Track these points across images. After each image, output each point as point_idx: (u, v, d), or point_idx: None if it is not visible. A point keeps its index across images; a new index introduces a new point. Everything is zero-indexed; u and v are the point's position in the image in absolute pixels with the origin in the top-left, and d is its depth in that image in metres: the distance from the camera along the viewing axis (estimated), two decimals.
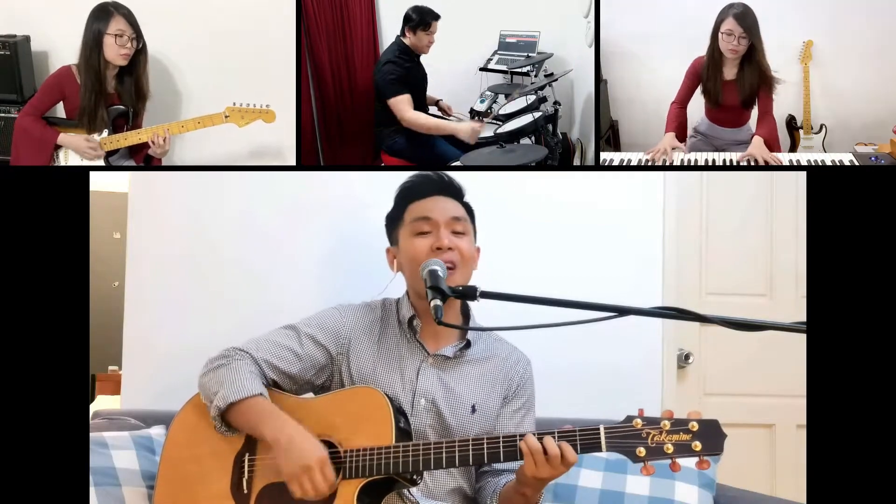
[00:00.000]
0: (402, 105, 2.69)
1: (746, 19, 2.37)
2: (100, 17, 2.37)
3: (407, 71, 2.73)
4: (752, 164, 2.37)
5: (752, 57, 2.40)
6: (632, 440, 1.47)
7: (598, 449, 1.49)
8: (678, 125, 2.50)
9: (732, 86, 2.45)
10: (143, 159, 2.52)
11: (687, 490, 1.96)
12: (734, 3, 2.39)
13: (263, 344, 1.74)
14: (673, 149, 2.42)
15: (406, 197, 1.80)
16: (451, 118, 3.00)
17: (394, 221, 1.82)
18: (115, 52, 2.37)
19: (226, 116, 2.43)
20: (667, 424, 1.46)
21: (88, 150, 2.41)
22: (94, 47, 2.37)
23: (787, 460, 2.71)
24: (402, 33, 2.74)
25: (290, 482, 1.55)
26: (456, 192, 1.80)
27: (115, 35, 2.36)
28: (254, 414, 1.62)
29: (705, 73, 2.46)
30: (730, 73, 2.45)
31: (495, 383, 1.77)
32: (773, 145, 2.42)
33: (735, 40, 2.38)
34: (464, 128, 2.67)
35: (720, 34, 2.40)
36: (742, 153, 2.39)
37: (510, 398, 1.79)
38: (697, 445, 1.44)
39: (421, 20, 2.71)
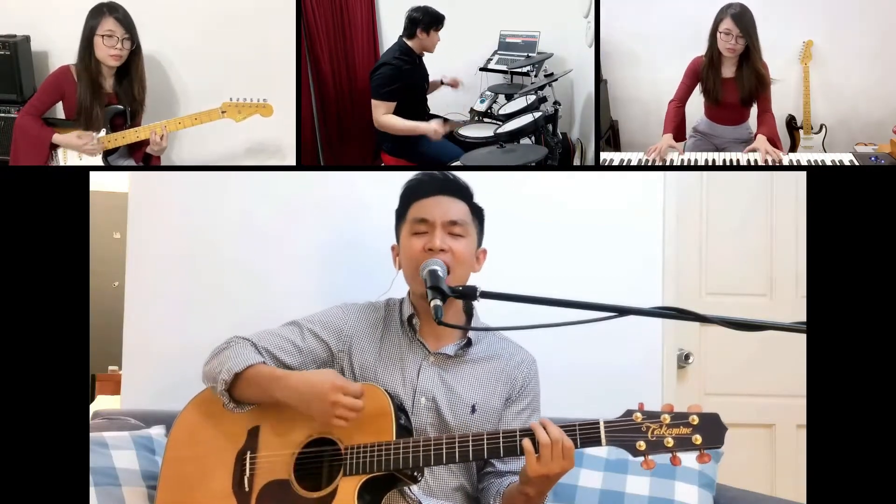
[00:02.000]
0: (377, 109, 2.71)
1: (743, 19, 2.37)
2: (93, 18, 2.38)
3: (405, 73, 2.73)
4: (753, 162, 2.37)
5: (749, 57, 2.41)
6: (632, 434, 1.46)
7: (598, 443, 1.48)
8: (676, 125, 2.50)
9: (732, 84, 2.46)
10: (142, 158, 2.52)
11: (687, 490, 1.95)
12: (732, 3, 2.40)
13: (265, 336, 1.76)
14: (670, 147, 2.42)
15: (409, 195, 1.81)
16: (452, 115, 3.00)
17: (398, 219, 1.83)
18: (105, 52, 2.37)
19: (222, 112, 2.43)
20: (667, 418, 1.46)
21: (86, 147, 2.41)
22: (86, 48, 2.38)
23: (787, 460, 2.71)
24: (411, 35, 2.73)
25: (328, 422, 1.56)
26: (461, 193, 1.80)
27: (105, 35, 2.36)
28: (259, 380, 1.64)
29: (705, 73, 2.47)
30: (729, 71, 2.46)
31: (497, 384, 1.77)
32: (775, 142, 2.43)
33: (733, 40, 2.39)
34: (428, 128, 2.71)
35: (718, 34, 2.41)
36: (744, 150, 2.40)
37: (514, 399, 1.78)
38: (698, 439, 1.44)
39: (433, 19, 2.70)
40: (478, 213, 1.82)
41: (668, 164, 2.42)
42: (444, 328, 1.76)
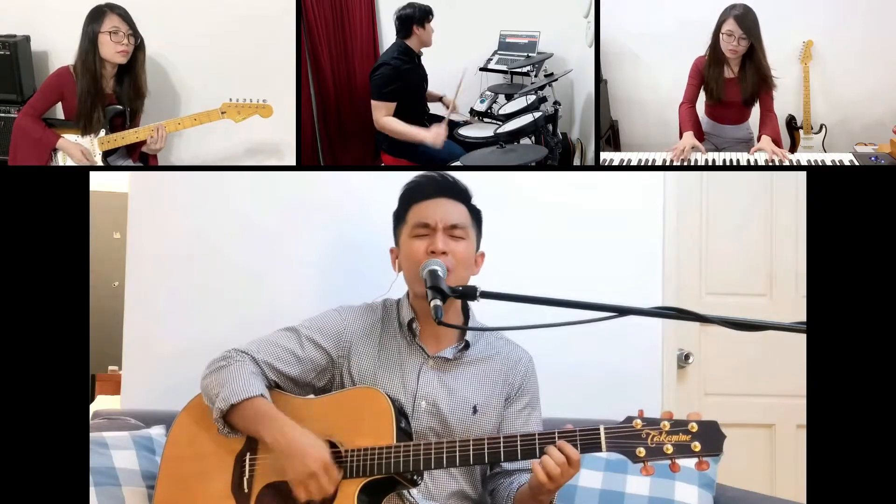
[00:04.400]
0: (378, 111, 2.70)
1: (746, 20, 2.37)
2: (95, 18, 2.38)
3: (405, 72, 2.73)
4: (753, 162, 2.37)
5: (753, 58, 2.40)
6: (632, 440, 1.47)
7: (599, 449, 1.49)
8: (693, 124, 2.49)
9: (734, 83, 2.46)
10: (139, 157, 2.52)
11: (687, 490, 1.96)
12: (735, 4, 2.39)
13: (264, 346, 1.74)
14: (693, 148, 2.42)
15: (409, 198, 1.80)
16: (453, 115, 3.00)
17: (397, 221, 1.82)
18: (112, 49, 2.37)
19: (222, 112, 2.43)
20: (666, 425, 1.47)
21: (83, 160, 2.41)
22: (89, 48, 2.37)
23: (787, 460, 2.71)
24: (408, 34, 2.73)
25: (296, 487, 1.55)
26: (460, 195, 1.79)
27: (110, 32, 2.36)
28: (254, 416, 1.62)
29: (707, 71, 2.46)
30: (731, 71, 2.45)
31: (496, 383, 1.77)
32: (778, 144, 2.43)
33: (735, 41, 2.39)
34: (428, 135, 2.68)
35: (721, 34, 2.40)
36: (748, 150, 2.40)
37: (513, 398, 1.79)
38: (697, 446, 1.45)
39: (424, 11, 2.70)
40: (476, 216, 1.82)
41: (685, 164, 2.40)
42: (443, 331, 1.76)
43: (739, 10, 2.38)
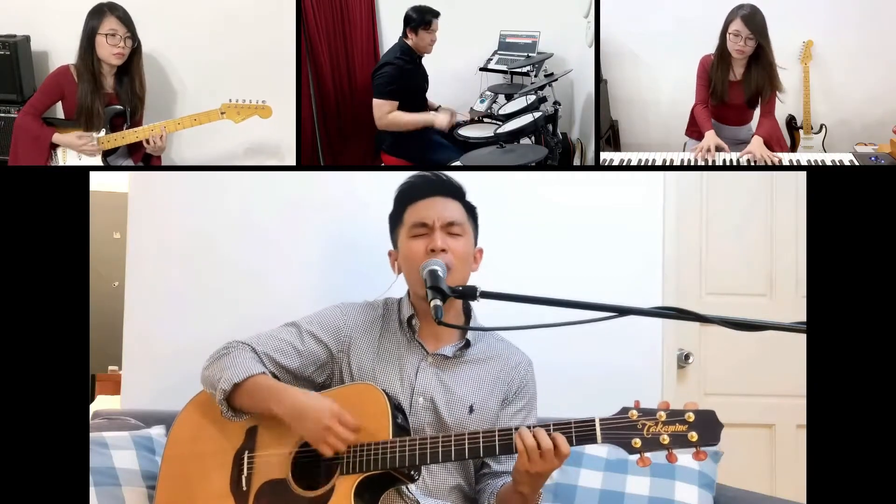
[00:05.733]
0: (381, 109, 2.70)
1: (754, 21, 2.36)
2: (94, 17, 2.38)
3: (406, 73, 2.73)
4: (753, 163, 2.37)
5: (760, 58, 2.40)
6: (627, 431, 1.46)
7: (594, 441, 1.49)
8: (711, 123, 2.49)
9: (738, 85, 2.45)
10: (142, 158, 2.52)
11: (687, 490, 1.95)
12: (743, 4, 2.39)
13: (264, 338, 1.76)
14: (718, 147, 2.41)
15: (404, 199, 1.81)
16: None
17: (394, 223, 1.83)
18: (108, 51, 2.37)
19: (222, 113, 2.43)
20: (662, 415, 1.46)
21: (85, 148, 2.41)
22: (87, 47, 2.38)
23: (787, 460, 2.71)
24: (404, 35, 2.74)
25: (318, 445, 1.56)
26: (455, 192, 1.80)
27: (107, 34, 2.36)
28: (259, 391, 1.64)
29: (713, 72, 2.46)
30: (737, 72, 2.45)
31: (495, 385, 1.77)
32: (772, 145, 2.42)
33: (742, 41, 2.38)
34: (439, 118, 2.70)
35: (728, 34, 2.39)
36: (742, 152, 2.39)
37: (511, 400, 1.79)
38: (694, 436, 1.44)
39: (422, 19, 2.71)
40: (472, 212, 1.82)
41: (710, 163, 2.40)
42: (443, 329, 1.77)
43: (747, 10, 2.37)
